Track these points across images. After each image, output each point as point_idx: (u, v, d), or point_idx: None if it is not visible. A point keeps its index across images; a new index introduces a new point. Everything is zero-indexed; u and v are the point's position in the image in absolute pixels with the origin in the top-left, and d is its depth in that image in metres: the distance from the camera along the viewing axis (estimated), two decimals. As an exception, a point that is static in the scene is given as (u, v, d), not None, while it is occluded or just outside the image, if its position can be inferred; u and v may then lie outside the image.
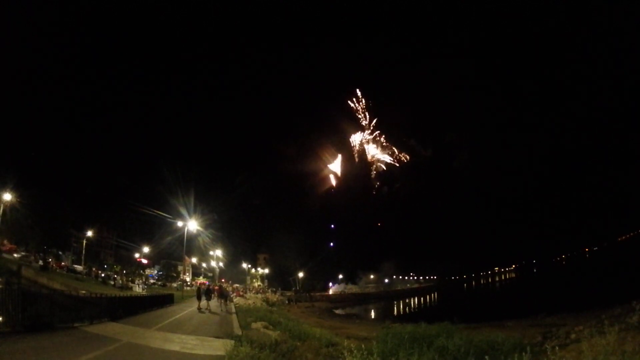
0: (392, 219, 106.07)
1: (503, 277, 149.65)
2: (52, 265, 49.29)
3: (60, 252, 59.08)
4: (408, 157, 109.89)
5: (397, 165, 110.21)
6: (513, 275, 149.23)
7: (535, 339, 15.01)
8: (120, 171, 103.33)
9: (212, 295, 34.57)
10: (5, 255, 42.39)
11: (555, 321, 27.02)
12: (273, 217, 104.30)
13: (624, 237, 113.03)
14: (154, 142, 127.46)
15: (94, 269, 56.65)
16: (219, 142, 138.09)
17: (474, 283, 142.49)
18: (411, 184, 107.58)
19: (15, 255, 45.21)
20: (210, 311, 30.06)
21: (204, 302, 31.39)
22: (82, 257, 57.24)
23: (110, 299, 23.42)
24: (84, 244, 57.71)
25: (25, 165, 58.24)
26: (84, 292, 26.20)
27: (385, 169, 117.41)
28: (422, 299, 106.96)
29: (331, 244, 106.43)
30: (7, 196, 42.44)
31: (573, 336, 12.49)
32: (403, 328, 25.87)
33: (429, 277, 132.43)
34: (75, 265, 55.32)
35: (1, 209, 42.64)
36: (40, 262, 46.24)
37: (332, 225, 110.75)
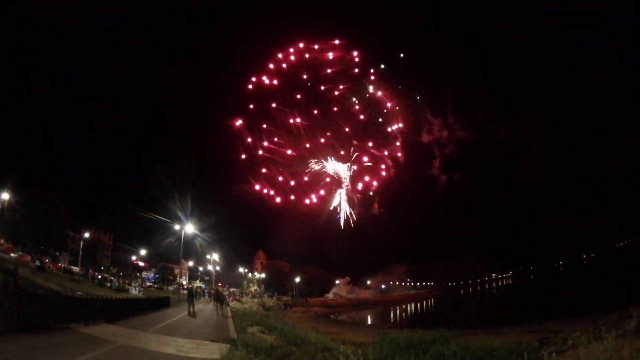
0: (392, 225, 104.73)
1: (500, 284, 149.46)
2: (49, 266, 49.21)
3: (57, 253, 58.99)
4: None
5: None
6: (510, 281, 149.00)
7: (532, 345, 15.00)
8: (118, 174, 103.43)
9: (200, 298, 34.35)
10: (1, 254, 42.32)
11: (552, 327, 27.01)
12: (270, 219, 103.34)
13: (621, 243, 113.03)
14: (152, 146, 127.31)
15: (90, 270, 56.57)
16: (217, 143, 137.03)
17: (470, 289, 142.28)
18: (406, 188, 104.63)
19: (12, 254, 45.13)
20: (194, 315, 29.74)
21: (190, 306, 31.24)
22: (79, 259, 57.17)
23: (106, 301, 23.41)
24: (81, 245, 57.61)
25: (23, 166, 58.33)
26: (80, 293, 26.22)
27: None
28: (418, 305, 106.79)
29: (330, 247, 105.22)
30: (5, 196, 42.45)
31: (570, 342, 12.49)
32: (399, 334, 25.88)
33: (426, 284, 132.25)
34: (72, 267, 55.32)
35: None
36: (37, 263, 46.17)
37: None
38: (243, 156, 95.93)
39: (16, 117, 74.65)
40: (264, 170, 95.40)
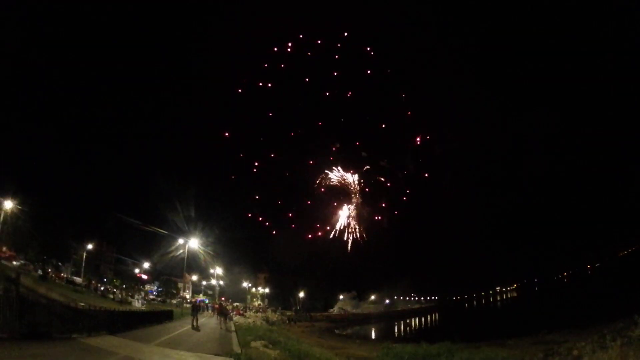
0: (393, 239, 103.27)
1: (504, 297, 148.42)
2: (51, 276, 49.23)
3: (59, 263, 58.93)
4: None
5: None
6: (514, 294, 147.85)
7: (537, 357, 14.86)
8: (122, 185, 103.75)
9: (203, 312, 33.99)
10: (4, 262, 42.36)
11: (557, 338, 26.70)
12: (273, 230, 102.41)
13: (625, 252, 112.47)
14: (157, 158, 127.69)
15: (93, 281, 56.45)
16: (218, 155, 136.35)
17: (475, 303, 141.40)
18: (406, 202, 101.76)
19: (14, 263, 45.14)
20: (198, 328, 29.51)
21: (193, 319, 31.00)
22: (82, 270, 57.09)
23: (109, 313, 23.37)
24: (84, 256, 57.57)
25: (27, 175, 58.66)
26: (82, 304, 26.12)
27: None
28: (423, 319, 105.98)
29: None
30: (8, 204, 42.58)
31: (575, 352, 12.33)
32: (403, 348, 25.75)
33: (430, 298, 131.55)
34: (75, 277, 55.27)
35: (1, 216, 42.78)
36: (40, 272, 46.17)
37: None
38: (233, 177, 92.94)
39: (19, 126, 74.96)
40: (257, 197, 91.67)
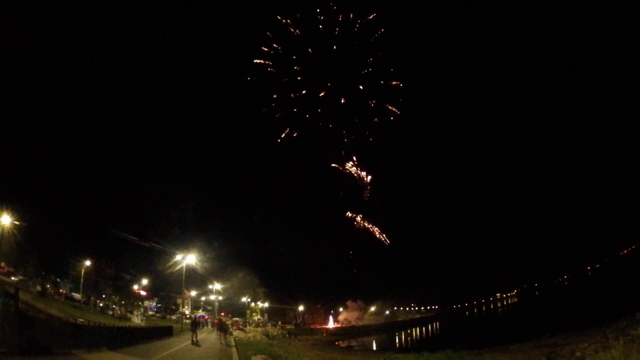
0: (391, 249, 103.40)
1: (505, 303, 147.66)
2: (50, 292, 48.92)
3: (58, 279, 58.53)
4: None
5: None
6: (515, 299, 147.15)
7: (540, 360, 14.81)
8: (120, 201, 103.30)
9: (203, 327, 33.86)
10: (2, 277, 42.12)
11: (559, 341, 26.57)
12: (272, 240, 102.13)
13: (625, 251, 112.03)
14: (155, 170, 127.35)
15: (92, 297, 56.20)
16: (218, 166, 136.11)
17: (475, 310, 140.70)
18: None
19: (12, 278, 44.81)
20: (197, 343, 29.35)
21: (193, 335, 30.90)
22: (81, 286, 56.82)
23: (108, 328, 23.28)
24: (82, 272, 57.31)
25: (24, 190, 58.34)
26: (82, 320, 26.02)
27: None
28: (424, 329, 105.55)
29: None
30: (6, 219, 42.33)
31: (578, 354, 12.29)
32: (405, 358, 25.58)
33: (431, 307, 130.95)
34: (74, 293, 55.00)
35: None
36: (39, 288, 45.89)
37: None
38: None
39: (20, 141, 74.73)
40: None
